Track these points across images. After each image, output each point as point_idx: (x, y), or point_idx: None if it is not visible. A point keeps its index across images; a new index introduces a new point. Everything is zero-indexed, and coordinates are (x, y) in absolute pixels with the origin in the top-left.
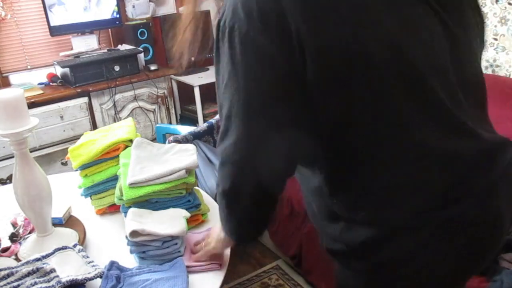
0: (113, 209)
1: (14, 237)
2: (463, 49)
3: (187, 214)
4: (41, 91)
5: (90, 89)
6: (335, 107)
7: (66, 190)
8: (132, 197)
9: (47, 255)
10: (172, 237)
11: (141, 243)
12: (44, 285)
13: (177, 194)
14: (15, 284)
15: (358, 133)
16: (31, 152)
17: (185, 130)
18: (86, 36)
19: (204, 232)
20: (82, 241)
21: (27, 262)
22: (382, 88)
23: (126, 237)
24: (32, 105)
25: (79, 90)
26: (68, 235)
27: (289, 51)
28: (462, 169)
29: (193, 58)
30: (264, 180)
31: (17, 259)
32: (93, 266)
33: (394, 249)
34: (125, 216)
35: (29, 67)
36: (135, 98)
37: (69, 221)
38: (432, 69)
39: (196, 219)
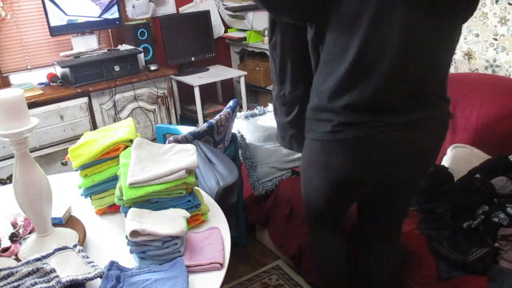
0: (113, 209)
1: (14, 237)
2: None
3: (187, 214)
4: (41, 91)
5: (90, 89)
6: None
7: (66, 190)
8: (132, 197)
9: (47, 255)
10: (172, 237)
11: (141, 243)
12: (44, 285)
13: (177, 194)
14: (15, 284)
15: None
16: (31, 152)
17: (185, 130)
18: (86, 36)
19: (204, 232)
20: (82, 241)
21: (27, 262)
22: None
23: (126, 237)
24: (32, 105)
25: (79, 90)
26: (68, 235)
27: None
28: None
29: (193, 58)
30: None
31: (17, 259)
32: (93, 266)
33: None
34: (125, 216)
35: (29, 67)
36: (135, 98)
37: (69, 221)
38: None
39: (196, 219)
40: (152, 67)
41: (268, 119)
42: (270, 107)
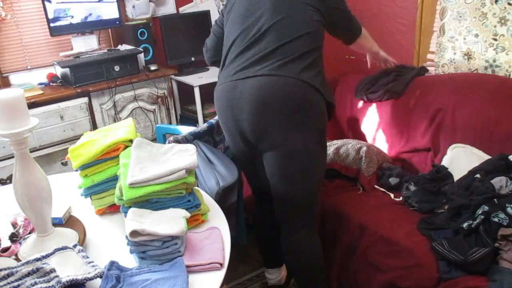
0: (113, 209)
1: (14, 237)
2: None
3: (187, 214)
4: (41, 91)
5: (90, 89)
6: None
7: (66, 190)
8: (132, 197)
9: (47, 255)
10: (172, 237)
11: (141, 243)
12: (44, 285)
13: (177, 194)
14: (15, 284)
15: None
16: (31, 152)
17: (185, 130)
18: (86, 36)
19: (204, 232)
20: (82, 241)
21: (27, 262)
22: None
23: (126, 237)
24: (32, 105)
25: (79, 90)
26: (68, 235)
27: None
28: None
29: (193, 58)
30: None
31: (17, 259)
32: (93, 266)
33: None
34: (125, 216)
35: (29, 67)
36: (135, 98)
37: (69, 221)
38: None
39: (196, 219)
40: (152, 67)
41: None
42: None
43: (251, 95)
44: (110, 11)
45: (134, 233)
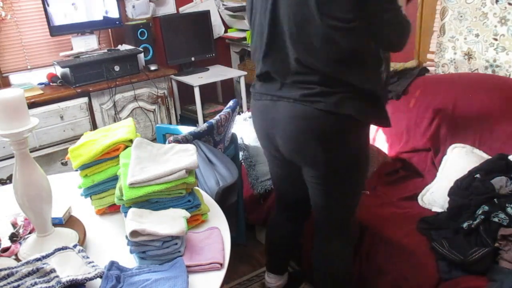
0: (113, 209)
1: (14, 237)
2: None
3: (187, 214)
4: (41, 91)
5: (90, 89)
6: None
7: (66, 190)
8: (132, 197)
9: (47, 255)
10: (172, 237)
11: (141, 243)
12: (44, 285)
13: (177, 194)
14: (15, 284)
15: None
16: (31, 152)
17: (185, 130)
18: (86, 36)
19: (204, 232)
20: (82, 241)
21: (27, 262)
22: None
23: (126, 237)
24: (32, 105)
25: (79, 90)
26: (68, 235)
27: None
28: None
29: (193, 58)
30: None
31: (17, 259)
32: (93, 266)
33: None
34: (125, 216)
35: (29, 67)
36: (135, 98)
37: (69, 221)
38: None
39: (196, 219)
40: (152, 67)
41: None
42: None
43: None
44: (110, 11)
45: (134, 233)
